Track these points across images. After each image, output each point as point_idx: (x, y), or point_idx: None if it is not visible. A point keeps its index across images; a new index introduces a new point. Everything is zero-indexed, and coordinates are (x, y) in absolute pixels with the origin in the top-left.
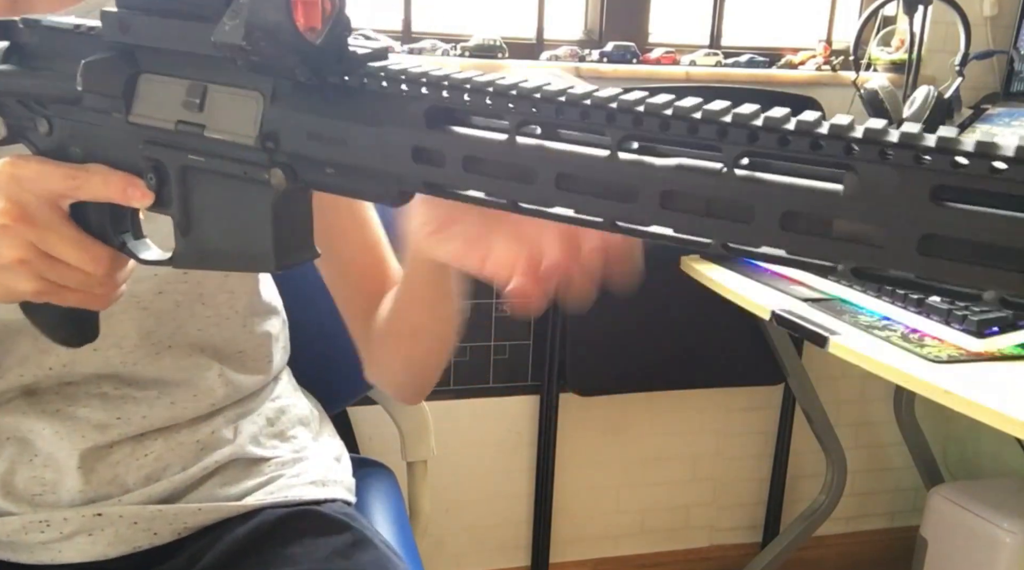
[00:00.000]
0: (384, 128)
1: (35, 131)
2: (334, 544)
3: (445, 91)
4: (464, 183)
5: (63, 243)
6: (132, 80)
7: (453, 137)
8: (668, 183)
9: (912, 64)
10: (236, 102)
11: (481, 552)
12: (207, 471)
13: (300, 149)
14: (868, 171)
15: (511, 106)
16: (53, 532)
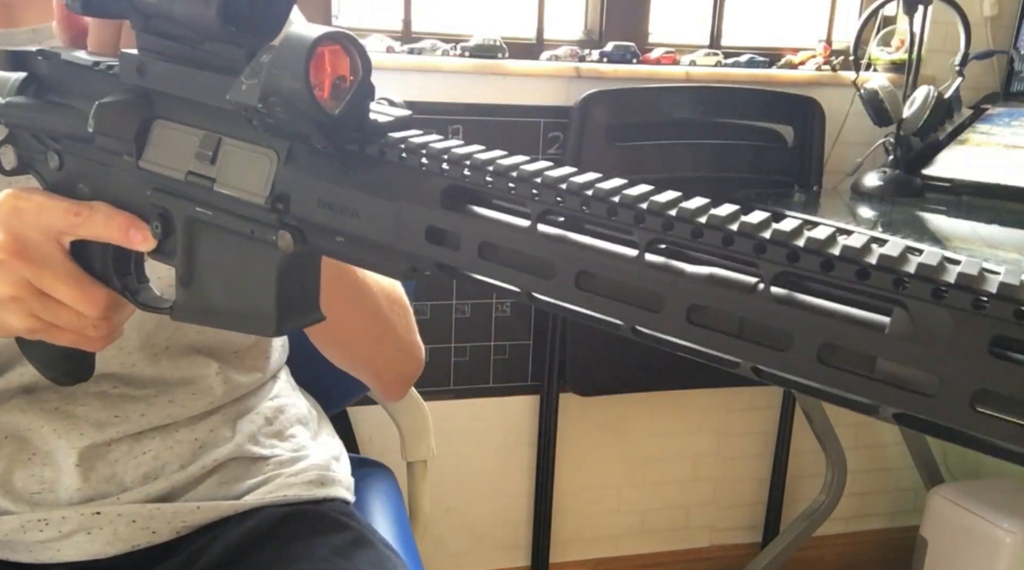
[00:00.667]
0: (399, 204)
1: (45, 164)
2: (333, 543)
3: (466, 170)
4: (478, 269)
5: (60, 282)
6: (146, 125)
7: (470, 220)
8: (698, 297)
9: (912, 64)
10: (249, 159)
11: (481, 552)
12: (205, 470)
13: (310, 215)
14: (920, 310)
15: (535, 193)
16: (52, 531)
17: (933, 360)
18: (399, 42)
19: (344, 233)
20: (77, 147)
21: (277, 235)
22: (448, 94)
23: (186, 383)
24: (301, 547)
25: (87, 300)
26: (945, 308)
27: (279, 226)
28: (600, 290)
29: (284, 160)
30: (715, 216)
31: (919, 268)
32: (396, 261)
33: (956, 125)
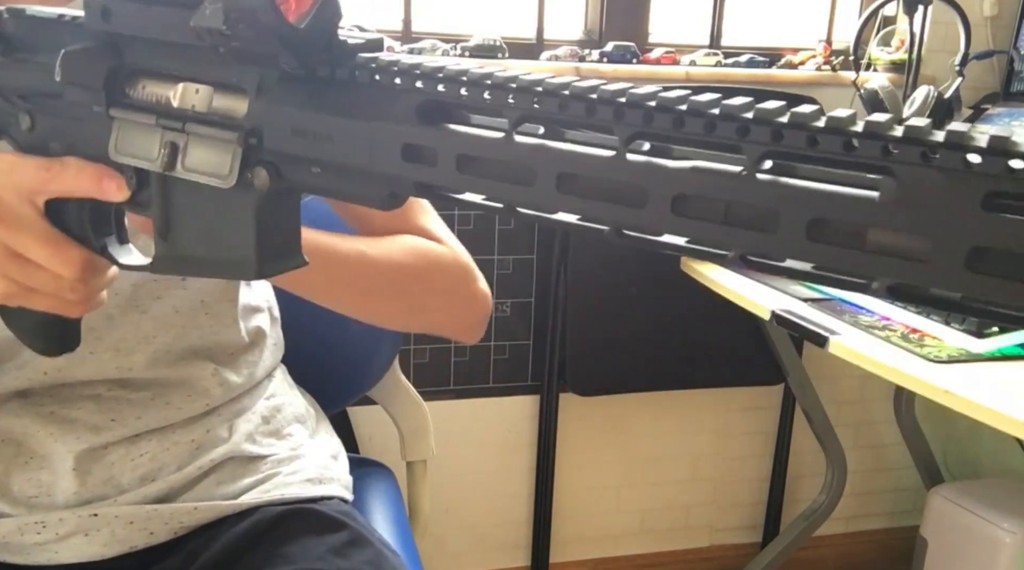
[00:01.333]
0: (373, 123)
1: (17, 127)
2: (331, 542)
3: (440, 84)
4: (458, 184)
5: (35, 242)
6: (114, 72)
7: (446, 134)
8: (682, 186)
9: (912, 64)
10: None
11: (481, 552)
12: (202, 470)
13: (284, 146)
14: (909, 175)
15: (511, 100)
16: (49, 533)
17: (925, 223)
18: (399, 42)
19: (319, 161)
20: (47, 104)
21: (252, 173)
22: None
23: (182, 385)
24: (298, 546)
25: (63, 261)
26: (935, 169)
27: (254, 163)
28: (582, 192)
29: (255, 93)
30: (696, 102)
31: (907, 131)
32: (375, 186)
33: None
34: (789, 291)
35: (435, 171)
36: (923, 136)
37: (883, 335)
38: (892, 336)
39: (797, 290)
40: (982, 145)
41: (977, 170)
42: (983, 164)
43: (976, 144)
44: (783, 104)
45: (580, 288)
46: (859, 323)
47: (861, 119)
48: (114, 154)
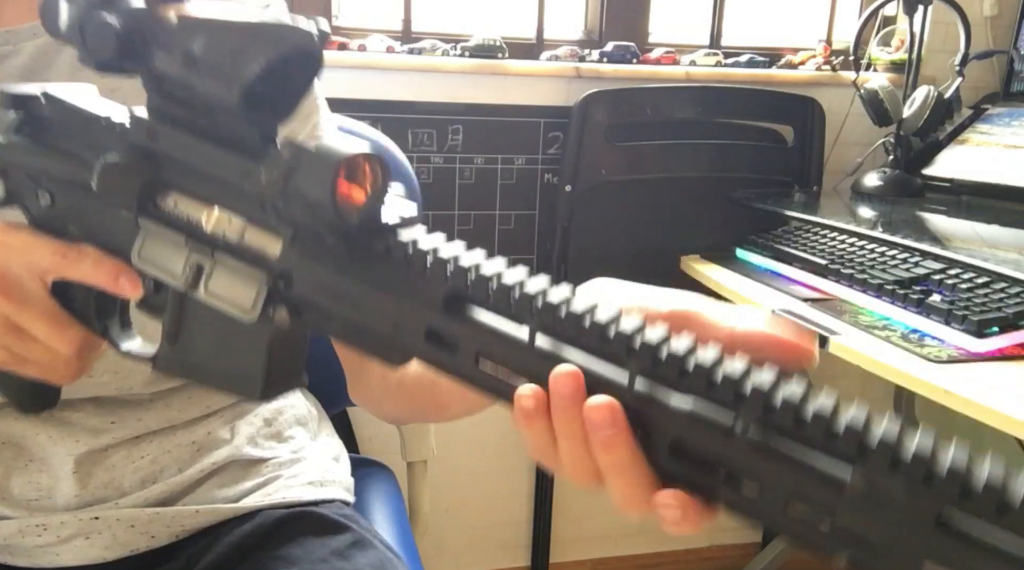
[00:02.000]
0: (401, 301)
1: (35, 201)
2: (333, 545)
3: (470, 281)
4: (472, 374)
5: (37, 318)
6: (150, 187)
7: (470, 328)
8: (679, 430)
9: (912, 64)
10: (237, 280)
11: (481, 552)
12: (204, 473)
13: (311, 297)
14: (876, 476)
15: (533, 314)
16: (50, 536)
17: (885, 523)
18: (399, 42)
19: (342, 320)
20: (73, 191)
21: (274, 309)
22: (448, 94)
23: (183, 388)
24: (300, 549)
25: (62, 339)
26: (899, 479)
27: (278, 301)
28: None
29: (290, 241)
30: (702, 360)
31: (881, 441)
32: (391, 351)
33: (956, 125)
34: (789, 291)
35: (454, 359)
36: (894, 448)
37: (883, 335)
38: (892, 336)
39: (797, 290)
40: (942, 469)
41: (934, 490)
42: (941, 485)
43: (938, 467)
44: (776, 376)
45: None
46: (859, 323)
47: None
48: (137, 260)
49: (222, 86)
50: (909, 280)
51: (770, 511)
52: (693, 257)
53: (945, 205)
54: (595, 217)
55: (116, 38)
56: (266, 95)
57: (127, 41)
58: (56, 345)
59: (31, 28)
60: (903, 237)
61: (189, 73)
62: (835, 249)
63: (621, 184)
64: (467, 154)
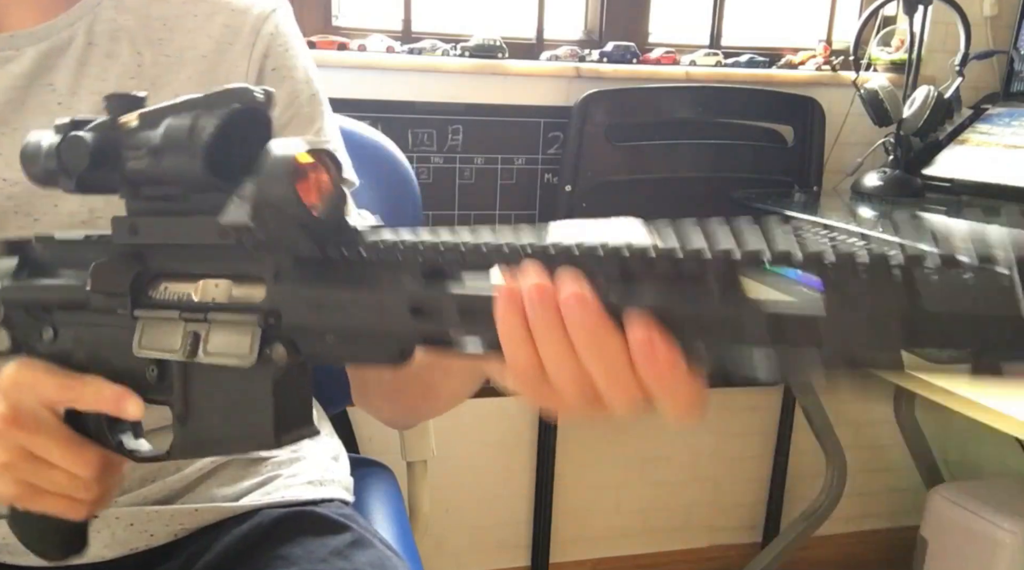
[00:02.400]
0: (383, 289)
1: (39, 339)
2: (332, 544)
3: (440, 255)
4: (460, 333)
5: (54, 444)
6: (139, 278)
7: (447, 296)
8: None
9: (912, 64)
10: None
11: (481, 552)
12: (203, 471)
13: (302, 320)
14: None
15: (504, 254)
16: None
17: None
18: (399, 42)
19: (334, 330)
20: (70, 315)
21: (271, 348)
22: (448, 94)
23: None
24: (300, 548)
25: (80, 461)
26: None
27: (272, 340)
28: None
29: (273, 279)
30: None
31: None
32: (385, 346)
33: (956, 125)
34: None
35: (442, 324)
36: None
37: None
38: None
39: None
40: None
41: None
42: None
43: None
44: None
45: None
46: None
47: None
48: (137, 350)
49: (185, 159)
50: None
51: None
52: None
53: (945, 205)
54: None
55: (88, 152)
56: (227, 158)
57: (98, 150)
58: (74, 468)
59: (34, 32)
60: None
61: (156, 160)
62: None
63: (621, 184)
64: (467, 154)
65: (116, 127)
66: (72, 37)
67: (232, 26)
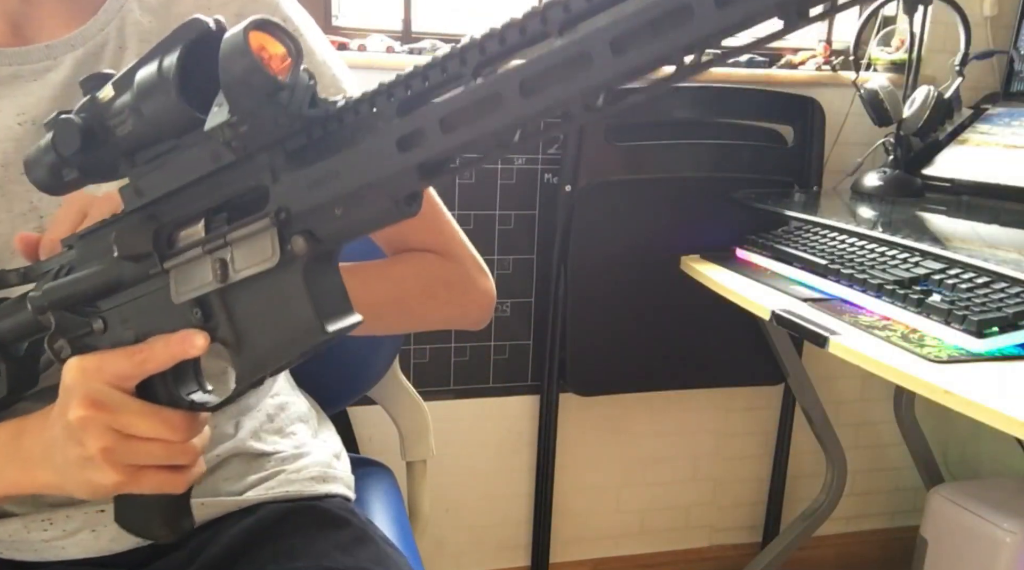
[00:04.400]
0: (365, 141)
1: (92, 335)
2: (335, 539)
3: (408, 88)
4: (447, 142)
5: (138, 418)
6: (159, 233)
7: (424, 112)
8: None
9: (912, 64)
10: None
11: (481, 552)
12: (208, 466)
13: (307, 201)
14: None
15: (465, 60)
16: (56, 530)
17: None
18: (399, 42)
19: (338, 199)
20: (112, 299)
21: (291, 242)
22: None
23: None
24: (303, 542)
25: (168, 426)
26: None
27: (289, 235)
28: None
29: (272, 181)
30: None
31: None
32: (389, 195)
33: (956, 125)
34: (789, 291)
35: (427, 144)
36: None
37: (883, 335)
38: (892, 336)
39: (797, 290)
40: None
41: None
42: None
43: None
44: None
45: (580, 288)
46: (859, 323)
47: None
48: (176, 297)
49: (161, 100)
50: (909, 280)
51: None
52: (693, 257)
53: (945, 205)
54: (595, 217)
55: (78, 130)
56: (203, 95)
57: (87, 127)
58: (165, 433)
59: (69, 40)
60: (903, 237)
61: (138, 116)
62: (835, 249)
63: (621, 184)
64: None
65: (95, 102)
66: (105, 41)
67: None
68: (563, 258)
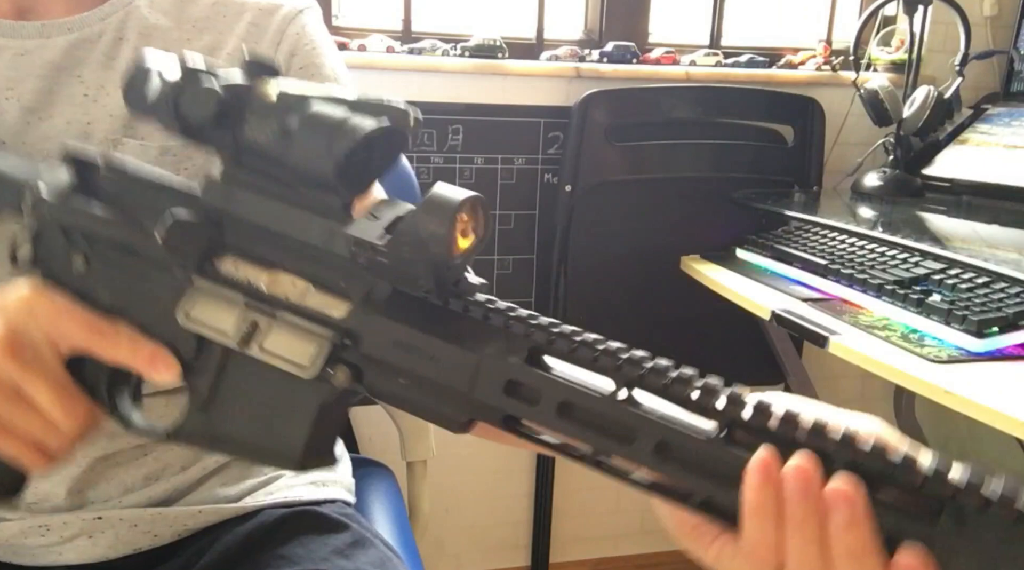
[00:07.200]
0: (483, 354)
1: (64, 265)
2: (334, 544)
3: (554, 338)
4: (554, 427)
5: (47, 387)
6: (212, 246)
7: (557, 381)
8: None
9: (912, 64)
10: (297, 337)
11: (481, 552)
12: (206, 471)
13: (381, 354)
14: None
15: (619, 365)
16: (53, 536)
17: None
18: (399, 42)
19: (413, 376)
20: (115, 256)
21: (335, 368)
22: (448, 94)
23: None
24: (302, 548)
25: (68, 412)
26: None
27: (338, 360)
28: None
29: (360, 302)
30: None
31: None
32: (458, 410)
33: (956, 125)
34: (789, 291)
35: (534, 411)
36: None
37: (883, 335)
38: (892, 336)
39: (797, 290)
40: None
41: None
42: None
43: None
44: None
45: (580, 288)
46: (859, 323)
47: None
48: (184, 321)
49: (318, 160)
50: (909, 280)
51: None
52: (693, 257)
53: (945, 205)
54: (595, 217)
55: (217, 104)
56: (355, 167)
57: (224, 110)
58: (59, 418)
59: (65, 23)
60: (903, 237)
61: (286, 142)
62: (835, 249)
63: (621, 184)
64: (467, 154)
65: (251, 91)
66: (102, 32)
67: (260, 25)
68: (563, 258)
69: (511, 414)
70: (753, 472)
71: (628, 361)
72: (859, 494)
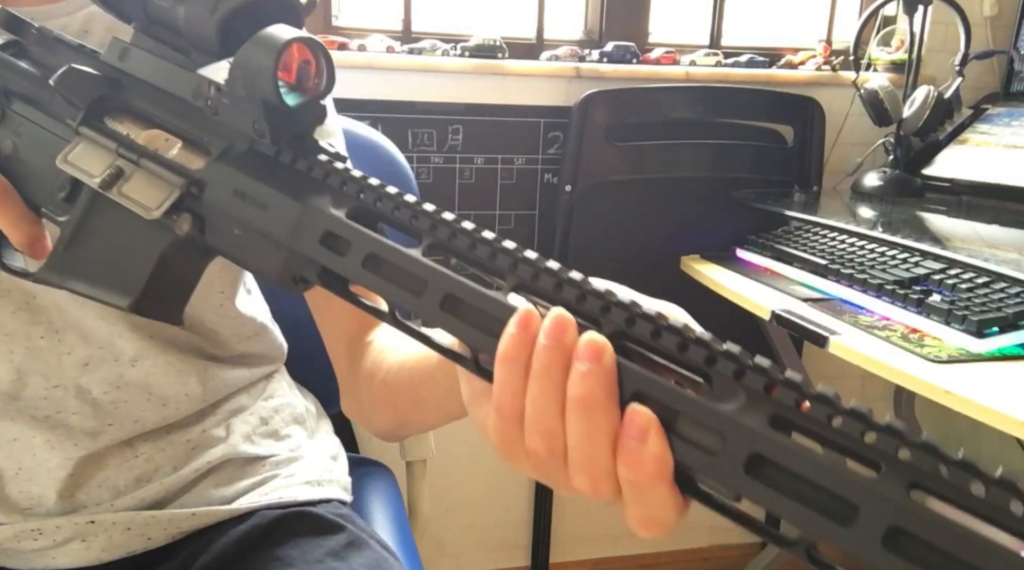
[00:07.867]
0: (307, 205)
1: None
2: (329, 545)
3: (378, 201)
4: (357, 278)
5: None
6: (102, 99)
7: (366, 234)
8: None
9: (912, 64)
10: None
11: (481, 552)
12: (199, 472)
13: (222, 203)
14: (721, 384)
15: (431, 227)
16: (46, 540)
17: (722, 422)
18: (399, 42)
19: (244, 223)
20: (24, 108)
21: (178, 216)
22: (448, 94)
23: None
24: (296, 550)
25: None
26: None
27: (184, 209)
28: (461, 316)
29: (217, 156)
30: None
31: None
32: (282, 262)
33: (956, 125)
34: (789, 291)
35: (342, 261)
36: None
37: (883, 335)
38: (892, 336)
39: (797, 290)
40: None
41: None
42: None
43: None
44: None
45: None
46: (859, 323)
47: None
48: (61, 162)
49: (202, 22)
50: (909, 280)
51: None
52: (693, 257)
53: (945, 205)
54: (595, 217)
55: None
56: (242, 33)
57: None
58: None
59: (32, 12)
60: (903, 237)
61: (178, 10)
62: (835, 249)
63: (621, 184)
64: (467, 154)
65: None
66: (68, 25)
67: None
68: (563, 258)
69: (325, 265)
70: (512, 323)
71: (441, 222)
72: (605, 350)
